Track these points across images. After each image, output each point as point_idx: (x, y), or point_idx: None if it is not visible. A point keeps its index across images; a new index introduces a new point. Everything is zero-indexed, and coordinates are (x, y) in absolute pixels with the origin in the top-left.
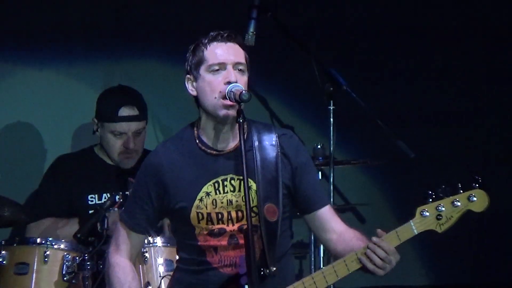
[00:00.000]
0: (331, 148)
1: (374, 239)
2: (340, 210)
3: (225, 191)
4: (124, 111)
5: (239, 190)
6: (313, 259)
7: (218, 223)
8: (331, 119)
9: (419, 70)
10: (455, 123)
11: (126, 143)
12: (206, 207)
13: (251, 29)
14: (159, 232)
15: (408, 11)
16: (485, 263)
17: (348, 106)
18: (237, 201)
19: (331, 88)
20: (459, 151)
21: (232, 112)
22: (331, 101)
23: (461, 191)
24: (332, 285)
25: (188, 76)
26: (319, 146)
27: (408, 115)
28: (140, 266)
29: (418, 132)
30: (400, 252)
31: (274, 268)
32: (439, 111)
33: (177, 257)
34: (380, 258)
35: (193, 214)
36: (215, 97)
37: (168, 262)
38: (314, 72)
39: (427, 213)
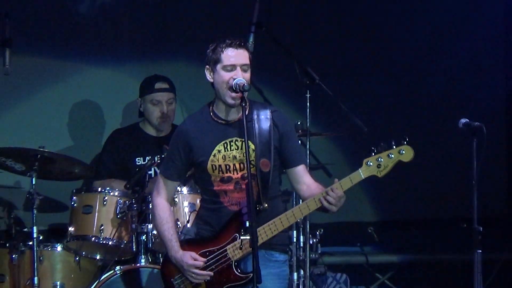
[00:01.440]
0: (308, 124)
1: (332, 186)
2: (313, 168)
3: (231, 149)
4: (158, 85)
5: (241, 149)
6: (294, 202)
7: (226, 172)
8: (307, 103)
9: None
10: (390, 104)
11: (162, 109)
12: (218, 160)
13: (251, 40)
14: (185, 183)
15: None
16: (425, 201)
17: (320, 93)
18: (240, 156)
19: (308, 82)
20: (396, 124)
21: (237, 100)
22: (308, 90)
23: (394, 147)
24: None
25: (207, 67)
26: (299, 123)
27: (364, 99)
28: (172, 207)
29: (369, 112)
30: (354, 196)
31: (266, 205)
32: (385, 96)
33: (199, 199)
34: (334, 199)
35: (209, 165)
36: (225, 87)
37: (191, 205)
38: (296, 70)
39: (371, 163)
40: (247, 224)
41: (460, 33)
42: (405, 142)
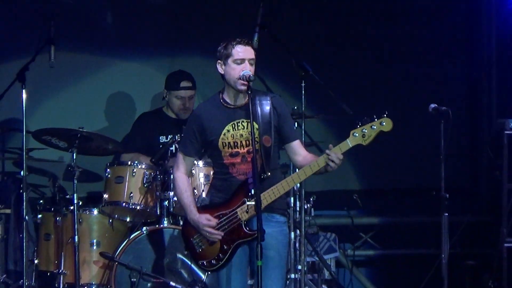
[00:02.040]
0: (303, 108)
1: (331, 150)
2: (308, 145)
3: (238, 128)
4: (183, 83)
5: (247, 128)
6: (291, 173)
7: (234, 148)
8: (303, 91)
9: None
10: (372, 92)
11: (184, 103)
12: (227, 138)
13: (255, 39)
14: (201, 158)
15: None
16: (401, 173)
17: (313, 83)
18: (245, 134)
19: (303, 73)
20: (377, 107)
21: (245, 87)
22: (303, 80)
23: (376, 119)
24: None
25: (219, 61)
26: (295, 107)
27: (349, 87)
28: (190, 178)
29: (354, 98)
30: (342, 168)
31: (269, 173)
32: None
33: (212, 171)
34: (336, 157)
35: (220, 143)
36: (236, 77)
37: (206, 176)
38: (293, 64)
39: (356, 134)
40: (253, 191)
41: (429, 27)
42: (385, 115)
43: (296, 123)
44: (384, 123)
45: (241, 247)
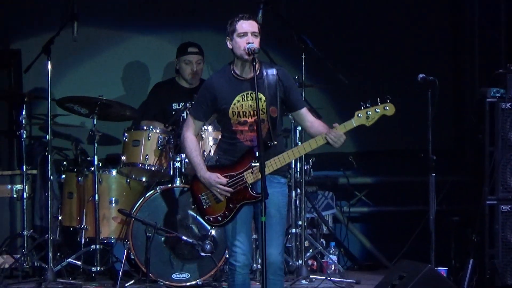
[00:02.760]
0: (303, 78)
1: (332, 128)
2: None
3: (247, 99)
4: (190, 49)
5: (255, 99)
6: (292, 137)
7: (243, 117)
8: (303, 62)
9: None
10: (366, 63)
11: (192, 68)
12: (237, 108)
13: (260, 15)
14: (210, 123)
15: None
16: (393, 136)
17: (312, 55)
18: (253, 105)
19: (303, 46)
20: (371, 77)
21: (250, 57)
22: (303, 53)
23: (380, 104)
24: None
25: (228, 37)
26: (296, 77)
27: (346, 58)
28: (200, 142)
29: (350, 68)
30: None
31: (275, 142)
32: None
33: (220, 135)
34: (335, 137)
35: (230, 111)
36: (242, 49)
37: (214, 139)
38: (294, 38)
39: (361, 115)
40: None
41: (418, 2)
42: (388, 100)
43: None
44: (387, 108)
45: (246, 207)
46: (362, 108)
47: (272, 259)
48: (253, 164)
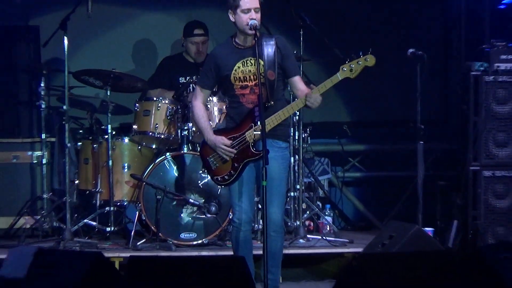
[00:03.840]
0: (301, 52)
1: (310, 91)
2: (305, 83)
3: (247, 65)
4: (196, 31)
5: (254, 65)
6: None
7: (244, 81)
8: (301, 38)
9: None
10: (360, 38)
11: (198, 48)
12: (238, 74)
13: None
14: (215, 94)
15: None
16: (384, 107)
17: (310, 31)
18: (253, 70)
19: (301, 23)
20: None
21: (252, 31)
22: (301, 29)
23: (361, 56)
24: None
25: (230, 11)
26: (295, 52)
27: (341, 34)
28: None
29: (345, 43)
30: (334, 104)
31: (272, 102)
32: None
33: (225, 106)
34: (312, 99)
35: (232, 77)
36: (245, 24)
37: (219, 110)
38: (293, 14)
39: (345, 69)
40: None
41: None
42: (369, 52)
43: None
44: (368, 59)
45: (249, 166)
46: (347, 62)
47: (273, 217)
48: (253, 125)
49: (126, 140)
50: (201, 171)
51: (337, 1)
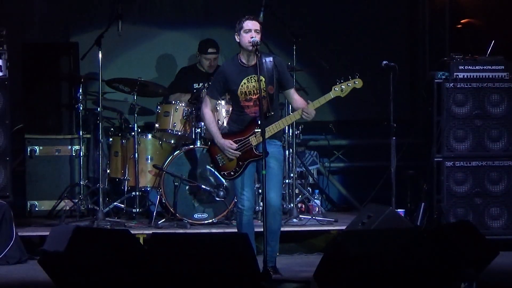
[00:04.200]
0: (294, 64)
1: (306, 106)
2: (298, 89)
3: (251, 81)
4: (210, 50)
5: (257, 81)
6: (286, 108)
7: (249, 95)
8: (294, 52)
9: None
10: (342, 53)
11: (210, 63)
12: (244, 89)
13: (261, 15)
14: (223, 99)
15: None
16: (363, 108)
17: (302, 47)
18: (256, 86)
19: (294, 40)
20: (346, 64)
21: (253, 48)
22: (294, 45)
23: (350, 79)
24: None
25: (236, 33)
26: (289, 63)
27: (327, 47)
28: (215, 113)
29: (330, 56)
30: (321, 106)
31: (272, 113)
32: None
33: (231, 108)
34: (307, 113)
35: (239, 91)
36: (247, 42)
37: (226, 111)
38: (287, 33)
39: (337, 89)
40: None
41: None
42: (357, 76)
43: (290, 75)
44: (356, 82)
45: (251, 164)
46: (338, 83)
47: (272, 202)
48: (256, 130)
49: (149, 136)
50: (209, 167)
51: (323, 22)
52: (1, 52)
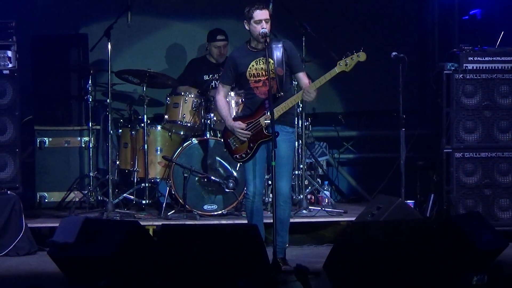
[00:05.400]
0: (303, 55)
1: (307, 87)
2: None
3: (260, 64)
4: (219, 37)
5: (266, 63)
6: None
7: (257, 77)
8: (303, 43)
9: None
10: (352, 45)
11: (220, 51)
12: (252, 71)
13: (270, 6)
14: (233, 90)
15: None
16: (372, 99)
17: (311, 37)
18: (264, 67)
19: (303, 30)
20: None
21: (263, 39)
22: (303, 36)
23: (355, 53)
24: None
25: (245, 21)
26: (298, 55)
27: (337, 41)
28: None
29: (339, 47)
30: (331, 97)
31: (281, 93)
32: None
33: (241, 99)
34: (308, 93)
35: (247, 73)
36: (257, 33)
37: (236, 103)
38: (297, 23)
39: (341, 64)
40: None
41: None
42: (361, 50)
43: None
44: (360, 55)
45: (261, 148)
46: (343, 58)
47: (282, 191)
48: (265, 112)
49: (159, 127)
50: (219, 158)
51: (333, 14)
52: (11, 44)
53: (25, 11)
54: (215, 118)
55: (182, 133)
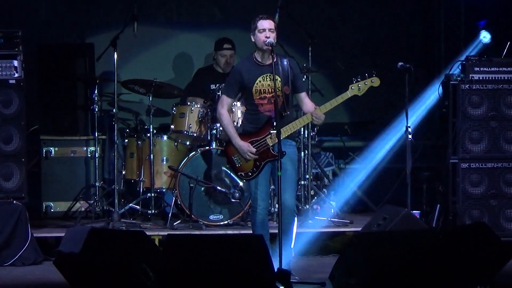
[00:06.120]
0: (310, 65)
1: (315, 110)
2: (313, 90)
3: (266, 80)
4: (225, 46)
5: (272, 80)
6: (300, 112)
7: (263, 94)
8: (309, 53)
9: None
10: (357, 54)
11: (226, 60)
12: (259, 87)
13: (277, 16)
14: (239, 100)
15: None
16: (375, 110)
17: (317, 47)
18: (271, 84)
19: (310, 40)
20: (361, 64)
21: (268, 48)
22: (309, 46)
23: (367, 77)
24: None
25: (251, 33)
26: (304, 64)
27: (342, 51)
28: (231, 114)
29: (345, 57)
30: (336, 108)
31: (288, 112)
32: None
33: (246, 109)
34: (316, 117)
35: (253, 89)
36: (261, 41)
37: (242, 113)
38: (303, 33)
39: (353, 88)
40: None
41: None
42: (374, 75)
43: (304, 76)
44: (374, 81)
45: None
46: (354, 82)
47: (287, 203)
48: (271, 131)
49: (165, 137)
50: (225, 168)
51: (339, 25)
52: (17, 53)
53: (31, 20)
54: (221, 128)
55: (188, 143)
